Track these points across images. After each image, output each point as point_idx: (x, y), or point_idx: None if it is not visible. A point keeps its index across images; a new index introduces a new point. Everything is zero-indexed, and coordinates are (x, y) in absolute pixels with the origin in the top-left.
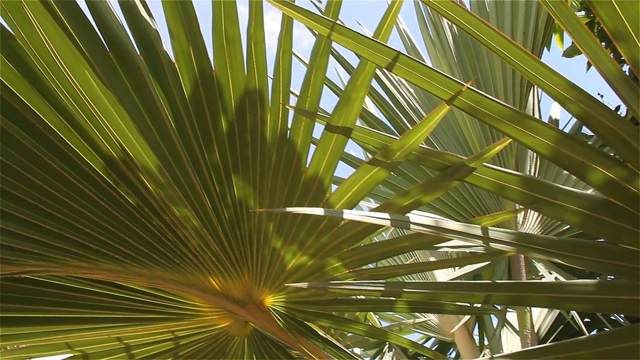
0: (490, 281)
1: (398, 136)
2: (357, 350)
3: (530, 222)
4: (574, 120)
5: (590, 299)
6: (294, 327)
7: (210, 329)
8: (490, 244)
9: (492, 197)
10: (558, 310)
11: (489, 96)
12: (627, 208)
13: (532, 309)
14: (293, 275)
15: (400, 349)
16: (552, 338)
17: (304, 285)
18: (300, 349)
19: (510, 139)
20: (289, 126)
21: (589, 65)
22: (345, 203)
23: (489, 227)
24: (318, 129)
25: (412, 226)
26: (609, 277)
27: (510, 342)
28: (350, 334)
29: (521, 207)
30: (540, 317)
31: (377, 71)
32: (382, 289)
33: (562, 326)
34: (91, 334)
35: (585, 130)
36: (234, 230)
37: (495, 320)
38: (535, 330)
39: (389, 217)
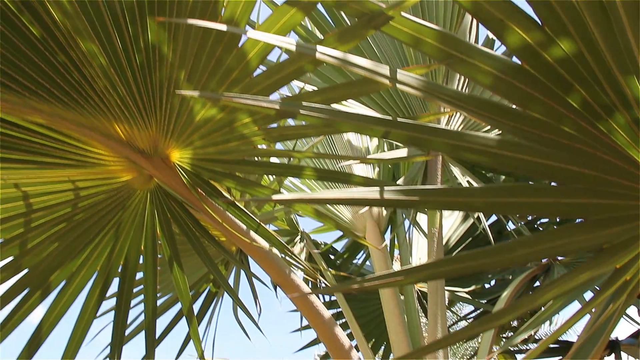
0: (389, 118)
1: None
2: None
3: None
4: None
5: (490, 153)
6: (198, 186)
7: (112, 181)
8: (397, 85)
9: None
10: (469, 223)
11: None
12: (539, 77)
13: (444, 220)
14: (201, 128)
15: (311, 242)
16: (460, 249)
17: (195, 93)
18: (203, 208)
19: None
20: None
21: None
22: (260, 49)
23: (398, 70)
24: None
25: (318, 55)
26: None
27: (421, 247)
28: (260, 213)
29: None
30: (451, 229)
31: None
32: (277, 107)
33: (470, 238)
34: None
35: None
36: (144, 77)
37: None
38: (445, 241)
39: (294, 43)
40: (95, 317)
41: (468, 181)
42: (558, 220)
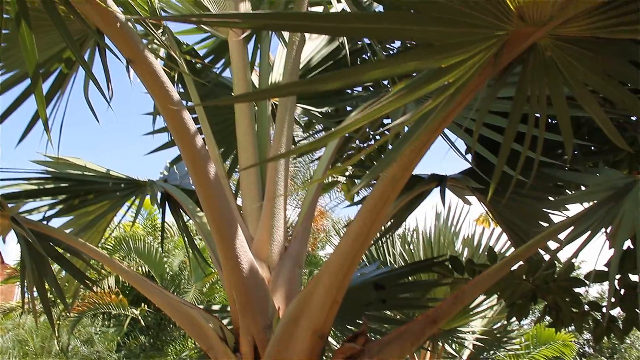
0: None
1: None
2: None
3: None
4: None
5: None
6: None
7: None
8: None
9: None
10: (333, 46)
11: None
12: None
13: (308, 42)
14: None
15: (174, 40)
16: (320, 70)
17: None
18: None
19: None
20: None
21: None
22: None
23: None
24: None
25: None
26: None
27: (282, 65)
28: None
29: None
30: (314, 50)
31: None
32: None
33: (332, 62)
34: None
35: None
36: None
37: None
38: (307, 62)
39: None
40: None
41: None
42: None
